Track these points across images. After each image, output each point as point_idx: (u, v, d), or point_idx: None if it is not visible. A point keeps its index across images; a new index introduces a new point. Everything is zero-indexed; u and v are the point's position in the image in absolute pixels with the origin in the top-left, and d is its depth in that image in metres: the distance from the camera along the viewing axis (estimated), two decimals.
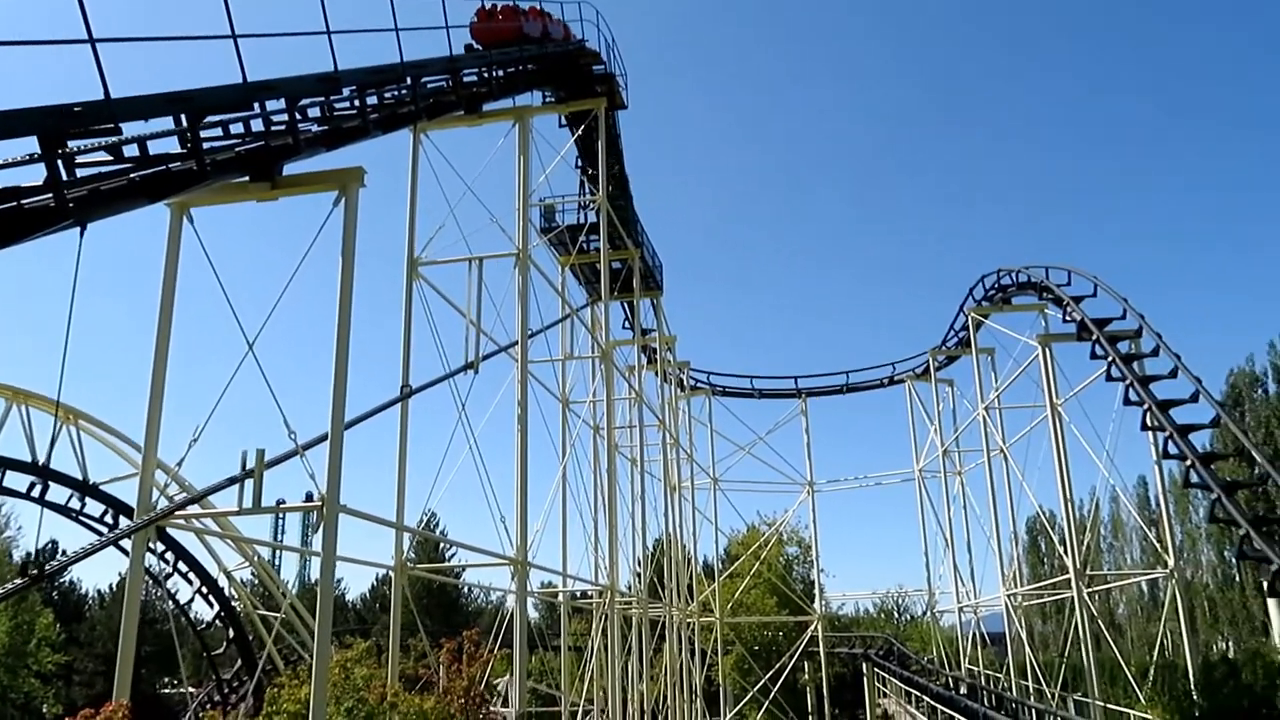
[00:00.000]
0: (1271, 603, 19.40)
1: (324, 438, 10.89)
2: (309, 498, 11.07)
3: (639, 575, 31.82)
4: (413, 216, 19.53)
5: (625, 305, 35.22)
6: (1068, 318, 28.65)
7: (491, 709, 16.39)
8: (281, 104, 11.52)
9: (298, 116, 12.16)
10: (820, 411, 75.96)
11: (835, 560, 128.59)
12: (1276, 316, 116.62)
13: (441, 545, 59.36)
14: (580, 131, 28.41)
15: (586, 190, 30.12)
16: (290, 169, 12.26)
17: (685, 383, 46.08)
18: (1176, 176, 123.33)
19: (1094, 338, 26.17)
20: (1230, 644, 47.65)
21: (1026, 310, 34.63)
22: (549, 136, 27.15)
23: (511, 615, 18.64)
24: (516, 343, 19.32)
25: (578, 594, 38.26)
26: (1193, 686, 23.94)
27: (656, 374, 39.11)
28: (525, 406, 18.68)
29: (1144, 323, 25.70)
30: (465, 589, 74.71)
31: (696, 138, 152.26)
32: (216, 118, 10.65)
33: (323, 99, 13.24)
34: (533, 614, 74.93)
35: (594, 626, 29.07)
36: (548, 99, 26.69)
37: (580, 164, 29.98)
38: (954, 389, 46.03)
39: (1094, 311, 28.01)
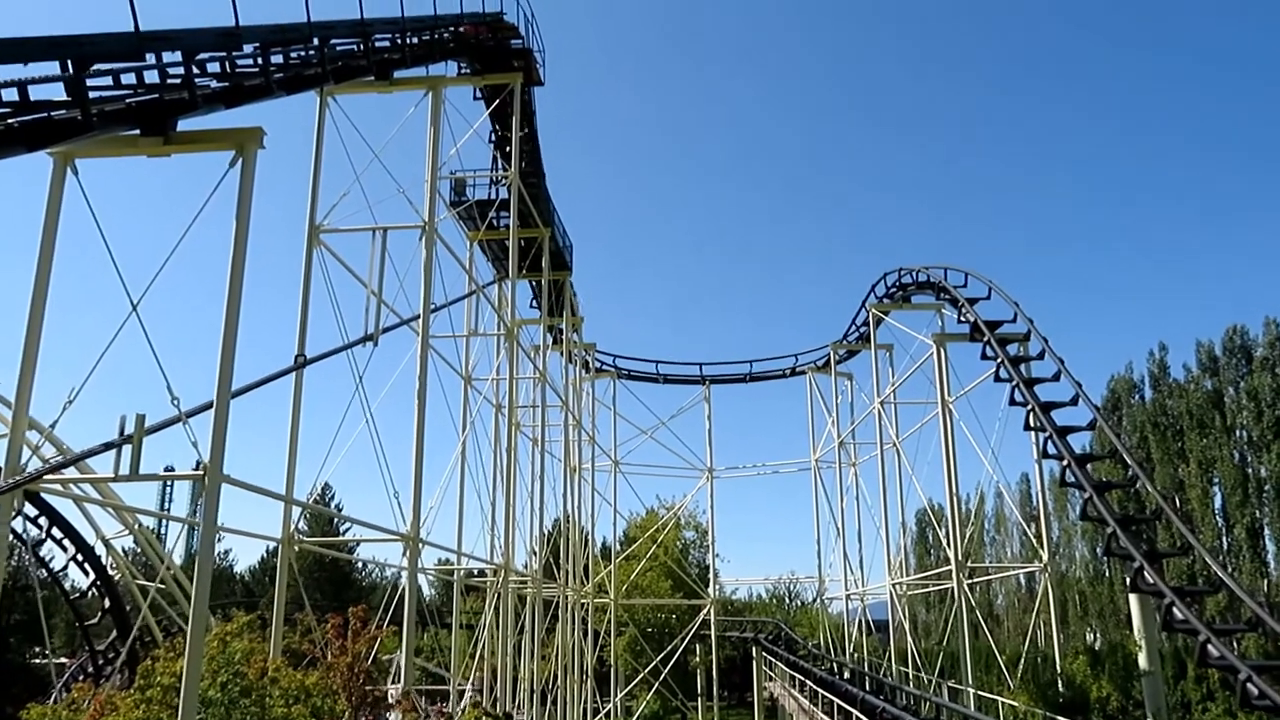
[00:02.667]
0: (1133, 598, 20.46)
1: (209, 405, 10.56)
2: (198, 467, 10.72)
3: (535, 555, 31.79)
4: (316, 181, 19.02)
5: (533, 284, 35.03)
6: (962, 318, 29.59)
7: (378, 685, 16.19)
8: (178, 57, 11.07)
9: (195, 71, 11.69)
10: (723, 399, 76.93)
11: (731, 546, 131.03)
12: (1164, 323, 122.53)
13: (336, 520, 58.28)
14: (495, 106, 28.07)
15: (499, 166, 29.79)
16: (187, 126, 11.81)
17: (591, 365, 46.11)
18: (1081, 181, 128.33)
19: (985, 339, 27.11)
20: (1098, 636, 50.12)
21: (925, 309, 35.73)
22: (463, 110, 26.79)
23: (402, 592, 18.42)
24: (418, 316, 19.02)
25: (475, 572, 38.04)
26: (1057, 676, 25.14)
27: (562, 355, 39.03)
28: (424, 381, 18.44)
29: (1033, 327, 26.72)
30: (360, 565, 73.58)
31: (612, 123, 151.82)
32: (106, 66, 10.16)
33: (224, 55, 12.76)
34: (428, 591, 74.17)
35: (487, 605, 28.95)
36: (463, 70, 26.24)
37: (494, 139, 29.62)
38: (853, 382, 47.22)
39: (988, 314, 29.02)
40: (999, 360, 26.12)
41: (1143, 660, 20.75)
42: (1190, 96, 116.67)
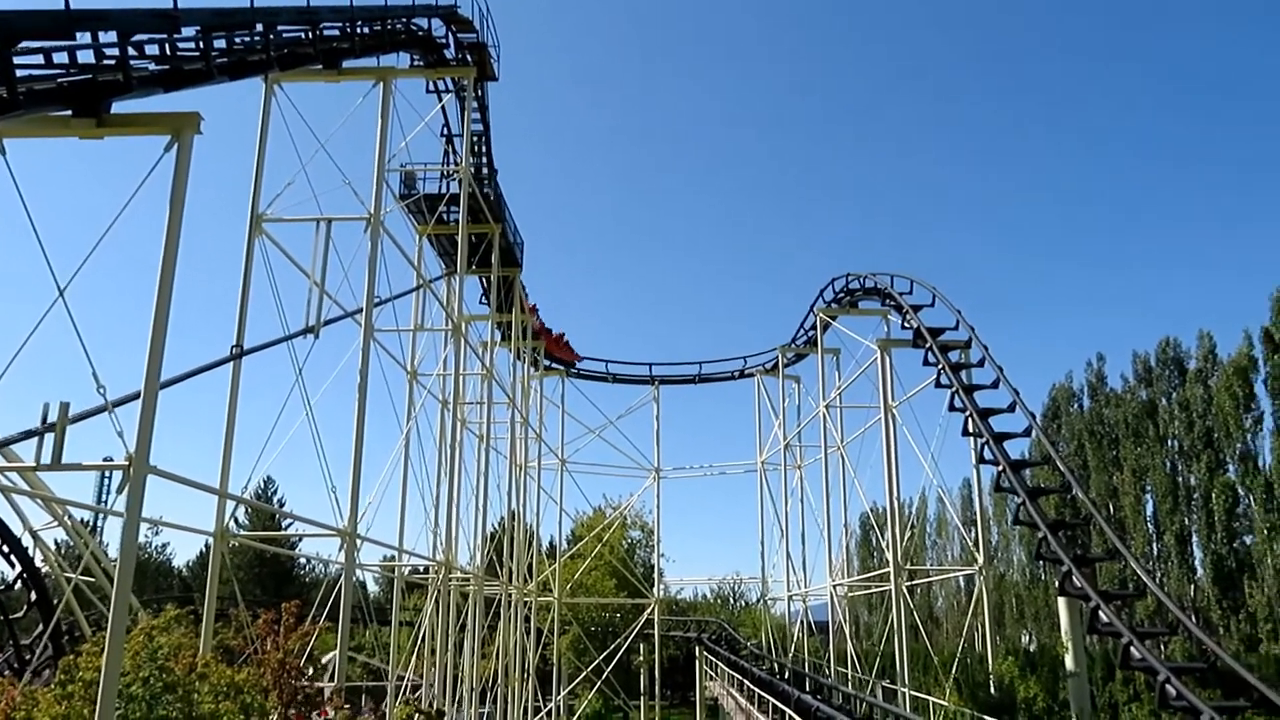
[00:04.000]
0: (1061, 601, 20.94)
1: (136, 395, 10.36)
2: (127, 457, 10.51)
3: (479, 552, 31.61)
4: (259, 170, 18.73)
5: (483, 280, 34.85)
6: (906, 324, 30.00)
7: (312, 682, 15.98)
8: (114, 37, 10.85)
9: (132, 53, 11.48)
10: (672, 399, 77.15)
11: (677, 545, 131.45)
12: (1109, 333, 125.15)
13: (277, 514, 57.49)
14: (447, 100, 27.93)
15: (450, 160, 29.62)
16: (123, 108, 11.58)
17: (539, 362, 45.99)
18: (1030, 190, 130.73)
19: (928, 345, 27.51)
20: (1033, 638, 51.13)
21: (871, 315, 36.15)
22: (415, 102, 26.56)
23: (340, 588, 18.22)
24: (362, 310, 18.85)
25: (421, 569, 37.74)
26: (989, 677, 25.62)
27: (510, 352, 38.88)
28: (366, 375, 18.25)
29: (974, 334, 27.17)
30: (303, 560, 72.68)
31: (566, 121, 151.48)
32: (36, 45, 9.93)
33: (163, 37, 12.55)
34: (373, 588, 73.51)
35: (428, 602, 28.75)
36: (416, 62, 26.05)
37: (445, 133, 29.45)
38: (800, 386, 47.65)
39: (932, 321, 29.47)
40: (940, 366, 26.53)
41: (1069, 662, 21.19)
42: (1136, 108, 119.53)
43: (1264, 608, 34.84)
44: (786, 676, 33.56)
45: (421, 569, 38.15)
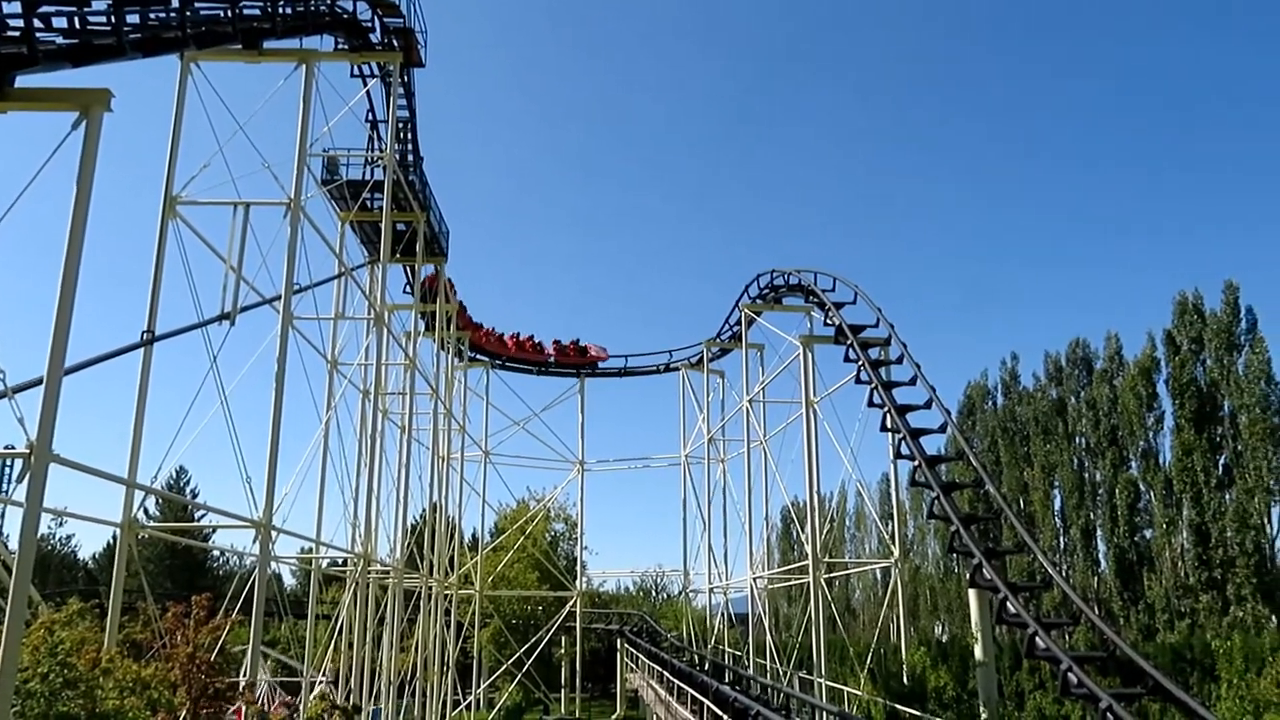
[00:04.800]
0: (972, 593, 21.59)
1: (39, 381, 9.98)
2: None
3: (399, 545, 31.21)
4: (174, 150, 18.18)
5: (407, 269, 34.37)
6: (829, 321, 30.47)
7: (221, 677, 15.59)
8: (19, 8, 10.42)
9: (38, 24, 11.04)
10: (597, 392, 77.16)
11: (600, 538, 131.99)
12: (1029, 331, 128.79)
13: (190, 505, 55.94)
14: (373, 85, 27.43)
15: (375, 146, 29.12)
16: (29, 83, 11.13)
17: (464, 353, 45.57)
18: (955, 189, 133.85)
19: (849, 342, 27.99)
20: (945, 629, 52.57)
21: (795, 311, 36.69)
22: (339, 86, 26.04)
23: (254, 580, 17.82)
24: (280, 296, 18.43)
25: (339, 561, 37.10)
26: (901, 667, 26.27)
27: (435, 342, 38.43)
28: (283, 363, 17.86)
29: (893, 332, 27.73)
30: (216, 553, 70.86)
31: (496, 111, 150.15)
32: None
33: (73, 10, 12.07)
34: (289, 581, 72.01)
35: (345, 595, 28.29)
36: (340, 46, 25.53)
37: (370, 119, 28.94)
38: (724, 380, 48.13)
39: (854, 318, 29.98)
40: (860, 363, 27.01)
41: (978, 652, 21.85)
42: (1058, 108, 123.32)
43: (1161, 599, 36.36)
44: (706, 668, 33.91)
45: (340, 561, 37.53)
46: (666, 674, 31.80)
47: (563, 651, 51.90)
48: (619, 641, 50.99)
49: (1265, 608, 31.80)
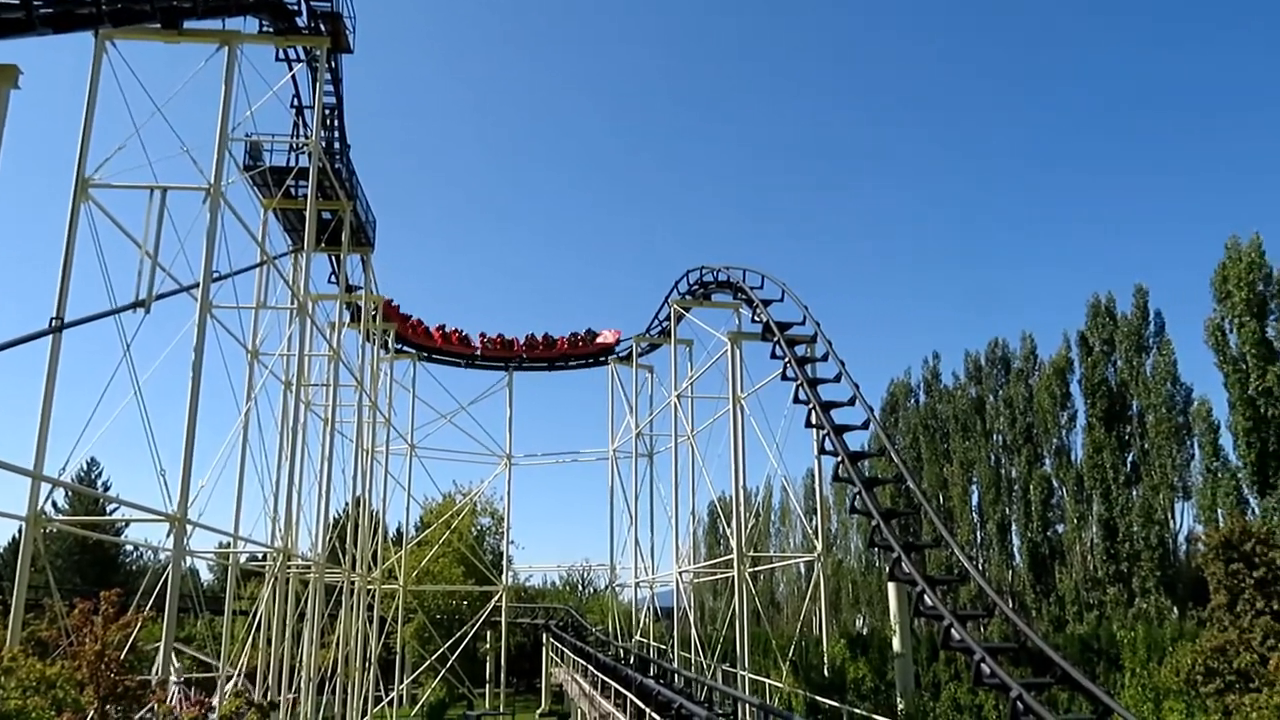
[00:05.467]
0: (891, 586, 22.10)
1: None
2: None
3: (320, 539, 30.66)
4: (87, 131, 17.52)
5: (332, 259, 33.75)
6: (756, 318, 30.80)
7: (132, 675, 15.14)
8: None
9: None
10: (526, 386, 76.72)
11: (527, 533, 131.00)
12: (944, 330, 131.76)
13: (101, 499, 54.13)
14: (298, 69, 26.84)
15: (299, 133, 28.50)
16: None
17: (390, 345, 44.94)
18: (884, 187, 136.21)
19: (776, 339, 28.32)
20: (866, 622, 53.61)
21: (723, 307, 36.94)
22: (264, 70, 25.41)
23: (168, 576, 17.33)
24: (199, 284, 17.94)
25: (259, 556, 36.30)
26: (824, 659, 26.72)
27: (360, 333, 37.80)
28: (201, 353, 17.38)
29: (819, 330, 28.16)
30: (130, 548, 68.74)
31: (426, 101, 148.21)
32: None
33: None
34: (206, 576, 70.22)
35: (264, 590, 27.71)
36: (265, 28, 24.90)
37: (295, 104, 28.31)
38: (653, 375, 48.31)
39: (781, 315, 30.35)
40: (786, 360, 27.36)
41: (896, 643, 22.38)
42: (984, 110, 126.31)
43: (1071, 591, 37.64)
44: (631, 662, 34.04)
45: (259, 556, 36.75)
46: (591, 668, 31.84)
47: (488, 646, 51.60)
48: (544, 636, 50.89)
49: (1167, 599, 33.14)
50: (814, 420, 25.31)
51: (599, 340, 49.81)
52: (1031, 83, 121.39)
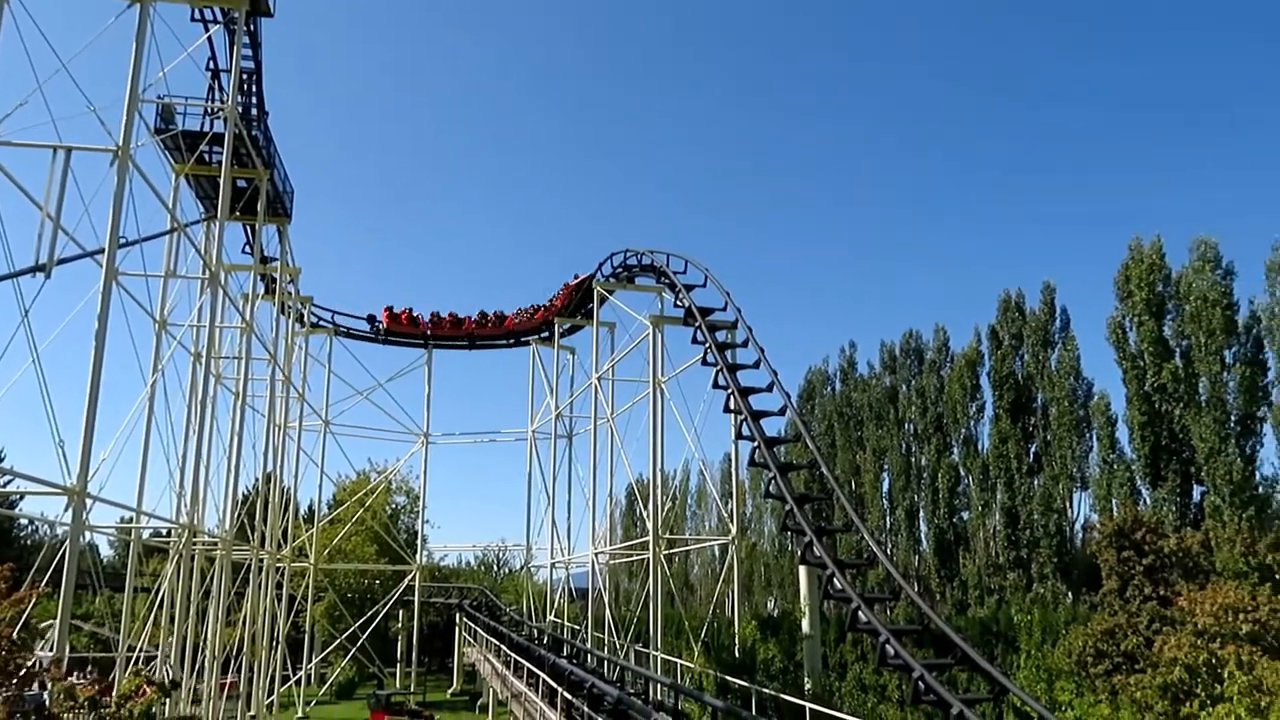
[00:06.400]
0: (802, 570, 22.55)
1: None
2: None
3: (228, 516, 29.94)
4: None
5: (247, 229, 32.84)
6: (679, 303, 31.01)
7: (27, 653, 14.59)
8: None
9: None
10: (445, 364, 75.93)
11: (442, 512, 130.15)
12: (862, 319, 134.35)
13: None
14: (215, 31, 25.98)
15: (215, 97, 27.62)
16: None
17: (306, 318, 44.00)
18: (810, 182, 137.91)
19: (697, 324, 28.58)
20: (777, 604, 54.58)
21: (647, 291, 37.11)
22: (179, 31, 24.51)
23: (64, 551, 16.72)
24: (104, 250, 17.27)
25: (163, 532, 35.28)
26: (735, 641, 27.20)
27: (274, 305, 36.89)
28: (105, 321, 16.75)
29: (740, 316, 28.51)
30: (25, 521, 66.06)
31: (351, 72, 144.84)
32: None
33: None
34: (106, 552, 67.99)
35: (168, 568, 26.93)
36: None
37: (211, 67, 27.42)
38: (574, 357, 48.29)
39: (703, 300, 30.61)
40: (707, 345, 27.64)
41: (805, 625, 22.86)
42: (899, 100, 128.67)
43: (974, 576, 38.88)
44: (545, 642, 34.11)
45: (163, 532, 35.71)
46: (505, 648, 31.81)
47: (400, 626, 51.13)
48: (458, 616, 50.65)
49: (1063, 585, 34.47)
50: (732, 405, 25.66)
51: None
52: (959, 82, 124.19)
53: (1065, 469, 35.60)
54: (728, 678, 22.83)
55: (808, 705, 16.06)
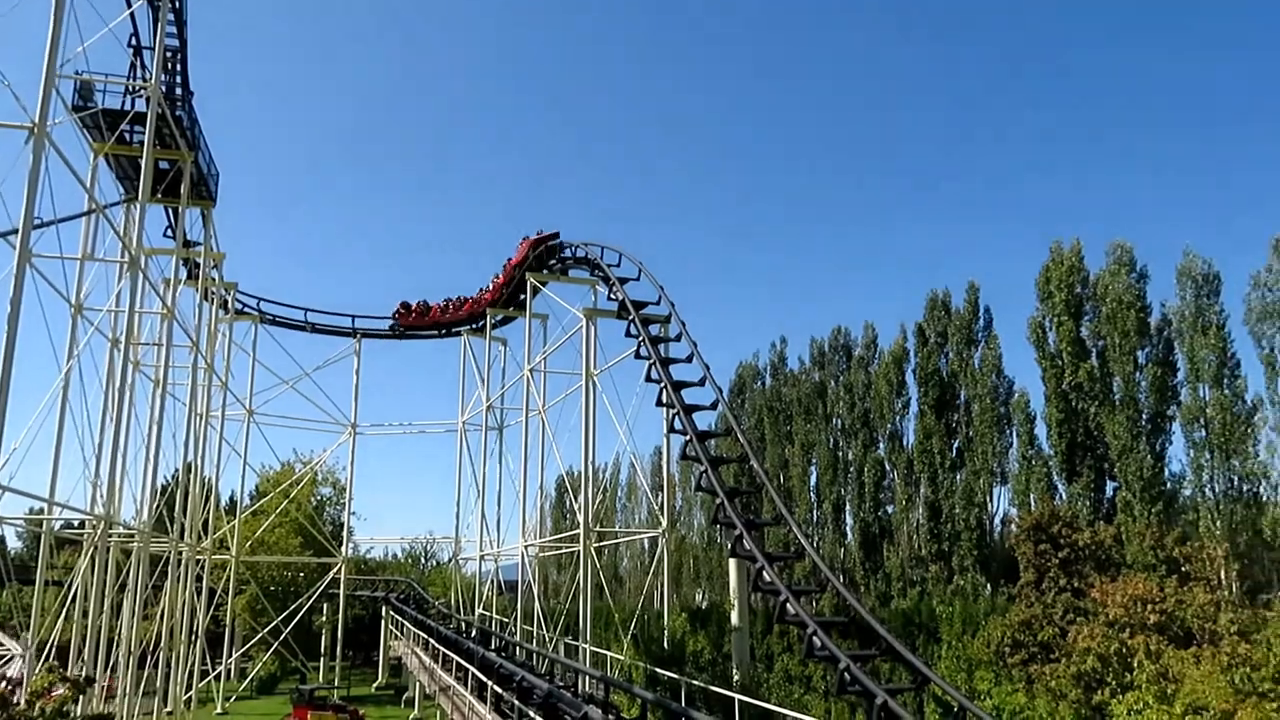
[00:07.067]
0: (732, 562, 22.81)
1: None
2: None
3: (146, 507, 29.09)
4: None
5: (169, 211, 31.87)
6: (612, 296, 31.00)
7: None
8: None
9: None
10: (374, 354, 74.84)
11: (369, 504, 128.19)
12: (793, 316, 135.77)
13: None
14: (139, 7, 25.12)
15: (137, 75, 26.71)
16: None
17: (230, 305, 42.92)
18: (738, 183, 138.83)
19: (631, 317, 28.61)
20: (706, 597, 55.04)
21: (580, 283, 36.97)
22: (100, 6, 23.64)
23: None
24: (17, 230, 16.62)
25: (77, 523, 34.17)
26: (665, 633, 27.37)
27: (198, 292, 35.89)
28: (18, 305, 16.11)
29: (674, 310, 28.60)
30: None
31: (277, 56, 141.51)
32: None
33: None
34: (14, 543, 65.54)
35: (82, 560, 26.07)
36: None
37: (134, 44, 26.49)
38: (506, 348, 47.95)
39: (637, 294, 30.63)
40: (641, 339, 27.69)
41: (734, 617, 23.14)
42: (833, 98, 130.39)
43: (898, 569, 39.72)
44: (473, 635, 33.89)
45: (77, 523, 34.55)
46: (433, 641, 31.53)
47: (324, 619, 50.28)
48: (384, 609, 50.01)
49: (982, 577, 35.41)
50: (665, 399, 25.76)
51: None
52: (893, 81, 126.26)
53: (986, 464, 36.53)
54: (657, 669, 22.97)
55: (736, 696, 16.27)
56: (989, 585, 35.01)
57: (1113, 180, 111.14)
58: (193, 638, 36.69)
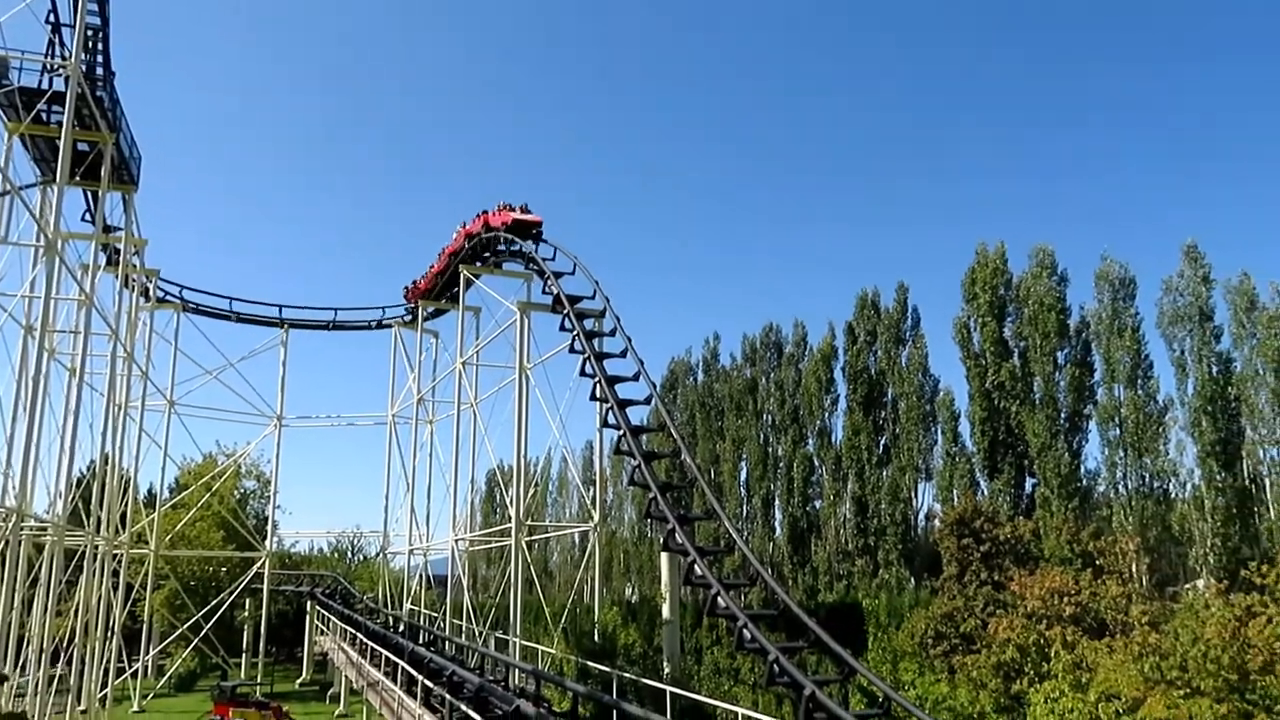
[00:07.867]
0: (664, 556, 22.97)
1: None
2: None
3: (60, 499, 28.15)
4: None
5: (89, 195, 30.84)
6: (547, 289, 30.92)
7: None
8: None
9: None
10: (302, 345, 73.36)
11: (295, 497, 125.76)
12: (726, 312, 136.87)
13: None
14: None
15: (56, 53, 25.77)
16: None
17: (152, 293, 41.72)
18: (676, 178, 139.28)
19: (565, 311, 28.58)
20: (636, 591, 55.27)
21: (514, 276, 36.82)
22: None
23: None
24: None
25: None
26: (594, 626, 27.44)
27: (117, 278, 34.79)
28: None
29: (609, 305, 28.68)
30: None
31: (207, 41, 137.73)
32: None
33: None
34: None
35: None
36: None
37: (53, 20, 25.57)
38: (438, 341, 47.50)
39: (573, 288, 30.61)
40: (575, 333, 27.69)
41: (665, 611, 23.30)
42: (775, 100, 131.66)
43: (825, 563, 40.40)
44: (401, 630, 33.53)
45: None
46: (361, 636, 31.10)
47: (246, 615, 49.24)
48: (309, 604, 49.17)
49: (906, 570, 36.21)
50: (599, 394, 25.83)
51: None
52: (835, 83, 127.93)
53: (912, 461, 37.34)
54: (588, 663, 23.04)
55: (667, 689, 16.41)
56: (913, 579, 35.81)
57: (1040, 186, 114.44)
58: (108, 634, 35.64)
